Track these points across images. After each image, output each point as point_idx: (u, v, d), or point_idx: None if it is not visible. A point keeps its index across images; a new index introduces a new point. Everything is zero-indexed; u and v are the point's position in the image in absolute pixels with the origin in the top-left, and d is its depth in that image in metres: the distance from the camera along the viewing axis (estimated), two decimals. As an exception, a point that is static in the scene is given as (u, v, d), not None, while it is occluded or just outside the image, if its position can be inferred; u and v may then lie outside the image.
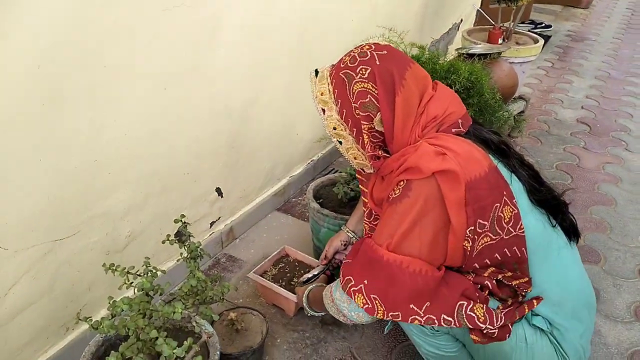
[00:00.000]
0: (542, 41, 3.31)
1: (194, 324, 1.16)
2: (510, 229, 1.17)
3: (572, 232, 1.34)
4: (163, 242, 1.27)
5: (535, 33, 4.37)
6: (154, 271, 1.15)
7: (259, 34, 1.89)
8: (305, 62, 2.21)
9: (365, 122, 1.22)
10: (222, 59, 1.76)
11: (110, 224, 1.56)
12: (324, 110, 1.26)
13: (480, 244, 1.16)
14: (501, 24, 3.30)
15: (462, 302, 1.16)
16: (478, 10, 3.73)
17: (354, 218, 1.71)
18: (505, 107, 2.59)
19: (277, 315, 1.78)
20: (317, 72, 1.31)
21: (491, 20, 3.35)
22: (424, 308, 1.16)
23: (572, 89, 4.02)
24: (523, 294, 1.23)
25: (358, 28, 2.51)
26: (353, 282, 1.20)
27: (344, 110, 1.23)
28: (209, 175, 1.91)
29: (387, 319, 1.18)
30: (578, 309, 1.30)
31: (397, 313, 1.17)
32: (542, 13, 6.17)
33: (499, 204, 1.14)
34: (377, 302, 1.16)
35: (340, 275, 1.26)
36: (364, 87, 1.20)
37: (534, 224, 1.23)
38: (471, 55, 2.60)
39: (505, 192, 1.15)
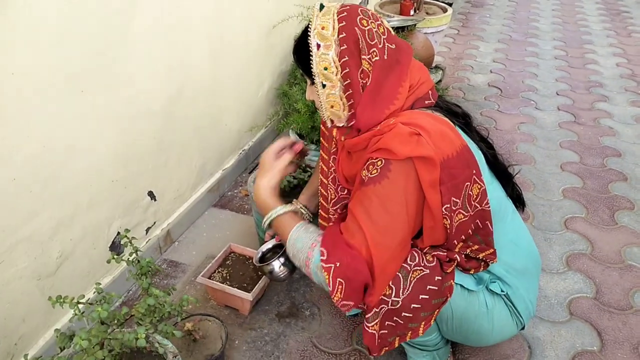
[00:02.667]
0: (451, 10, 3.40)
1: (157, 345, 1.08)
2: (477, 204, 1.20)
3: (518, 201, 1.41)
4: (108, 262, 1.16)
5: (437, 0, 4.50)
6: (109, 297, 1.05)
7: (176, 25, 1.77)
8: (225, 49, 2.12)
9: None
10: (139, 55, 1.63)
11: (38, 247, 1.42)
12: (319, 46, 1.15)
13: (456, 220, 1.18)
14: (411, -5, 3.35)
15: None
16: (386, -18, 3.76)
17: (307, 192, 1.61)
18: (427, 78, 2.64)
19: (231, 316, 1.72)
20: (322, 6, 1.19)
21: (400, -8, 3.40)
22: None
23: (480, 54, 4.19)
24: (489, 263, 1.27)
25: (275, 9, 2.43)
26: (325, 258, 1.15)
27: (346, 57, 1.14)
28: (139, 180, 1.78)
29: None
30: (527, 267, 1.38)
31: (349, 303, 1.16)
32: (441, -19, 6.37)
33: (469, 183, 1.16)
34: (340, 288, 1.14)
35: (321, 238, 1.20)
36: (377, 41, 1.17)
37: (494, 192, 1.27)
38: (389, 30, 2.61)
39: (474, 171, 1.17)
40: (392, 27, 2.64)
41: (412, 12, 3.21)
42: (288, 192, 1.87)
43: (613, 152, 2.79)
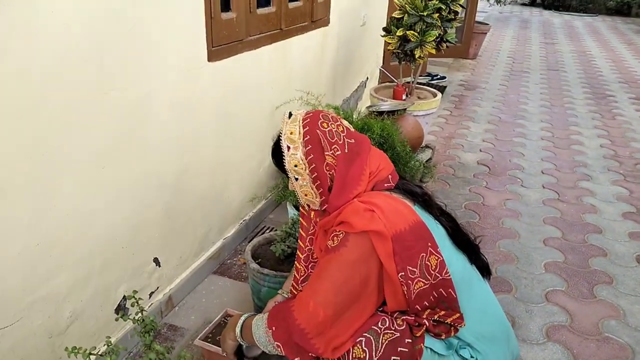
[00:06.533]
0: (440, 95, 3.69)
1: (155, 397, 1.20)
2: (437, 274, 1.35)
3: (485, 271, 1.56)
4: (117, 320, 1.30)
5: (432, 84, 4.83)
6: (116, 349, 1.19)
7: (186, 109, 2.00)
8: (230, 127, 2.35)
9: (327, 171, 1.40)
10: (153, 136, 1.84)
11: (53, 307, 1.56)
12: (289, 148, 1.40)
13: (415, 288, 1.33)
14: (403, 80, 3.65)
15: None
16: (381, 69, 4.09)
17: (289, 281, 1.81)
18: (415, 156, 2.87)
19: (225, 378, 1.82)
20: (290, 114, 1.46)
21: (393, 78, 3.69)
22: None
23: (470, 134, 4.45)
24: (458, 328, 1.41)
25: (277, 93, 2.69)
26: (271, 331, 1.36)
27: (312, 155, 1.38)
28: (146, 247, 1.95)
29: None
30: (495, 334, 1.50)
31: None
32: (436, 65, 6.80)
33: (425, 254, 1.32)
34: (279, 349, 1.35)
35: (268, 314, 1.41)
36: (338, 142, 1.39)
37: (458, 262, 1.42)
38: (380, 113, 2.86)
39: (430, 243, 1.34)
40: (384, 111, 2.90)
41: (404, 97, 3.48)
42: (282, 260, 2.02)
43: (594, 229, 2.95)
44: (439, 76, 5.99)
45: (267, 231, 2.76)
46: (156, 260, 2.02)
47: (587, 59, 7.91)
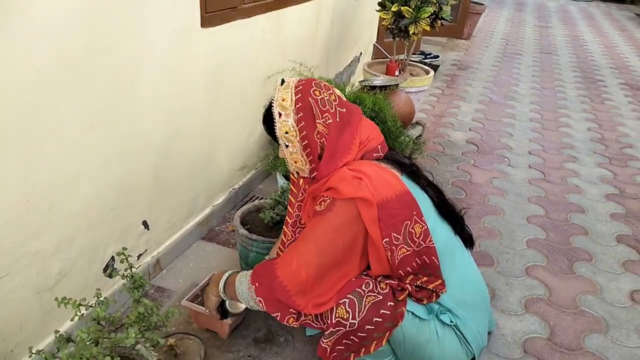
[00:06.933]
0: (432, 72, 3.70)
1: (143, 350, 1.23)
2: (421, 242, 1.39)
3: (468, 241, 1.60)
4: (106, 276, 1.32)
5: (425, 63, 4.83)
6: (106, 301, 1.21)
7: (177, 73, 2.00)
8: (221, 95, 2.35)
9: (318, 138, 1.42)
10: (143, 99, 1.84)
11: (41, 263, 1.58)
12: (280, 114, 1.41)
13: (399, 254, 1.37)
14: (396, 57, 3.65)
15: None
16: (375, 44, 4.08)
17: (276, 247, 1.85)
18: (405, 132, 2.89)
19: (211, 338, 1.86)
20: (283, 81, 1.47)
21: (387, 54, 3.69)
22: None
23: (461, 113, 4.48)
24: (439, 294, 1.45)
25: (269, 63, 2.69)
26: (254, 286, 1.43)
27: (303, 122, 1.39)
28: (135, 209, 1.96)
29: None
30: (476, 301, 1.55)
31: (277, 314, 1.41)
32: (430, 44, 6.78)
33: (409, 222, 1.36)
34: (261, 305, 1.41)
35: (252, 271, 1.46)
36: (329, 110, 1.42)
37: (442, 231, 1.46)
38: (373, 87, 2.87)
39: (415, 212, 1.37)
40: (376, 86, 2.91)
41: (397, 73, 3.49)
42: (271, 227, 2.05)
43: (577, 209, 3.01)
44: (432, 55, 5.99)
45: (257, 200, 2.78)
46: (145, 223, 2.04)
47: (580, 44, 7.93)
